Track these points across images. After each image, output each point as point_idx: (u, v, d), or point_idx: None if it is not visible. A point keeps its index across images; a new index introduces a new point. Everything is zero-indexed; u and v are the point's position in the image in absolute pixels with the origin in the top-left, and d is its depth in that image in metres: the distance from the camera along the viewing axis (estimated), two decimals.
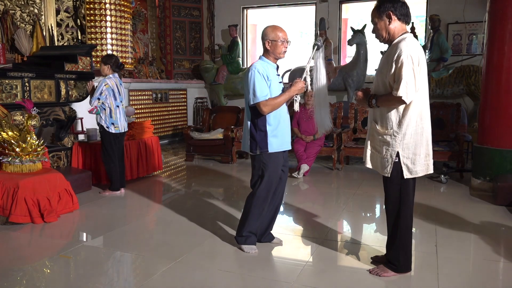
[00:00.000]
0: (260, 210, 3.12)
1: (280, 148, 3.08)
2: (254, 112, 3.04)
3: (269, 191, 3.09)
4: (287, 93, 3.02)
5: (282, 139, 3.09)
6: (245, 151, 3.21)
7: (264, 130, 3.03)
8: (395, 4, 2.58)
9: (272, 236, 3.35)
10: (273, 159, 3.06)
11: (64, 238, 3.64)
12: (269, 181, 3.07)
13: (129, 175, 5.38)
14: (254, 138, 3.05)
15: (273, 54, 3.06)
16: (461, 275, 2.84)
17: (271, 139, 3.03)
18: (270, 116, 3.03)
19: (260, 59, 3.10)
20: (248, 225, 3.14)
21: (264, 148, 3.03)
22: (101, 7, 6.80)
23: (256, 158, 3.10)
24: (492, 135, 4.77)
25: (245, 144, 3.14)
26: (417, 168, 2.61)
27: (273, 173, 3.07)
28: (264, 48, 3.08)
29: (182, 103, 9.40)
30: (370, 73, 8.28)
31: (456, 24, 8.07)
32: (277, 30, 3.03)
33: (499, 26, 4.64)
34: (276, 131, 3.05)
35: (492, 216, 4.03)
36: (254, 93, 2.95)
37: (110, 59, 4.77)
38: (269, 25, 3.10)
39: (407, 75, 2.46)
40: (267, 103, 2.95)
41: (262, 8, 9.75)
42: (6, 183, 3.79)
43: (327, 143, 6.19)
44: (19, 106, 4.33)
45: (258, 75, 2.96)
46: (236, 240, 3.23)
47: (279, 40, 3.01)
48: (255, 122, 3.04)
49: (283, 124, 3.10)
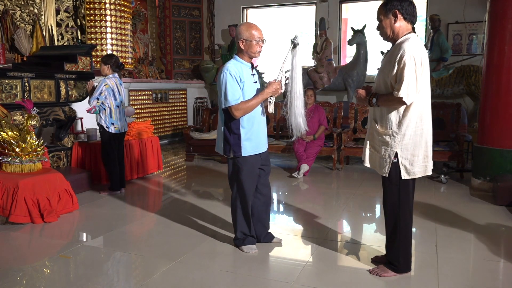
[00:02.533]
0: (245, 210, 3.12)
1: (255, 151, 3.04)
2: (227, 115, 2.97)
3: (246, 193, 3.07)
4: (260, 96, 2.94)
5: (257, 142, 3.05)
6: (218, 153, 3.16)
7: (237, 133, 2.97)
8: (403, 3, 2.58)
9: (271, 235, 3.35)
10: (247, 162, 3.03)
11: (64, 238, 3.64)
12: (245, 184, 3.05)
13: (129, 175, 5.38)
14: (228, 141, 3.00)
15: (247, 53, 2.98)
16: (461, 275, 2.84)
17: (244, 143, 2.98)
18: (244, 119, 2.96)
19: (234, 58, 3.02)
20: (239, 226, 3.15)
21: (237, 152, 2.99)
22: (101, 7, 6.80)
23: (230, 161, 3.08)
24: (492, 135, 4.77)
25: (219, 146, 3.10)
26: (415, 169, 2.61)
27: (247, 176, 3.05)
28: (238, 47, 2.99)
29: (182, 103, 9.40)
30: (370, 73, 8.28)
31: (456, 24, 8.07)
32: (252, 29, 2.95)
33: (499, 26, 4.64)
34: (250, 134, 3.00)
35: (492, 216, 4.03)
36: (226, 96, 2.87)
37: (110, 59, 4.77)
38: (243, 23, 3.02)
39: (409, 76, 2.45)
40: (239, 107, 2.87)
41: (262, 8, 9.75)
42: (6, 183, 3.79)
43: (327, 143, 6.19)
44: (19, 106, 4.33)
45: (229, 78, 2.88)
46: (234, 243, 3.24)
47: (254, 39, 2.93)
48: (229, 125, 2.98)
49: (257, 126, 3.04)
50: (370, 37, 7.88)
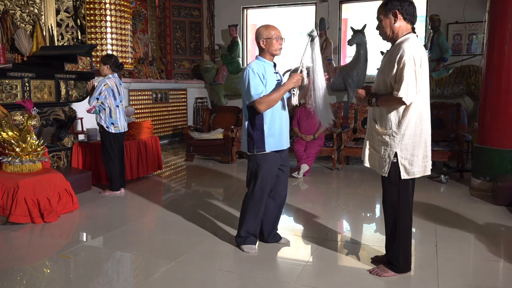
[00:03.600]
0: (256, 210, 3.12)
1: (278, 147, 3.07)
2: (251, 111, 3.03)
3: (263, 192, 3.08)
4: (283, 88, 2.99)
5: (280, 138, 3.08)
6: (244, 151, 3.20)
7: (261, 129, 3.02)
8: (403, 3, 2.58)
9: (279, 236, 3.34)
10: (268, 160, 3.05)
11: (64, 238, 3.64)
12: (263, 182, 3.06)
13: (129, 175, 5.38)
14: (252, 138, 3.04)
15: (268, 52, 3.05)
16: (461, 275, 2.84)
17: (268, 139, 3.02)
18: (267, 115, 3.01)
19: (257, 59, 3.10)
20: (245, 225, 3.15)
21: (261, 148, 3.02)
22: (101, 7, 6.80)
23: (251, 158, 3.10)
24: (492, 135, 4.77)
25: (243, 144, 3.15)
26: (414, 169, 2.62)
27: (267, 174, 3.06)
28: (260, 48, 3.08)
29: (182, 103, 9.41)
30: (370, 73, 8.28)
31: (456, 24, 8.07)
32: (270, 28, 3.04)
33: (499, 26, 4.64)
34: (273, 130, 3.04)
35: (492, 216, 4.03)
36: (249, 92, 2.95)
37: (109, 59, 4.77)
38: (261, 25, 3.11)
39: (409, 76, 2.46)
40: (262, 100, 2.93)
41: (262, 8, 9.75)
42: (6, 183, 3.79)
43: (327, 143, 6.19)
44: (19, 106, 4.33)
45: (252, 74, 2.96)
46: (236, 241, 3.24)
47: (273, 37, 3.01)
48: (253, 121, 3.03)
49: (280, 122, 3.08)
50: (370, 37, 7.88)
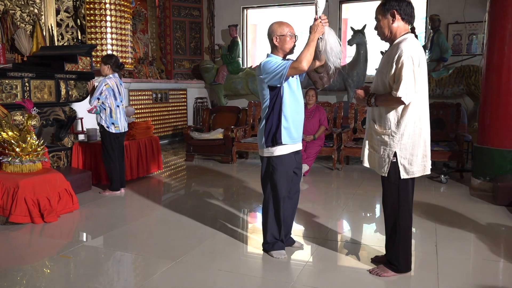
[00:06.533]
0: (277, 213, 3.03)
1: (293, 141, 2.97)
2: (272, 102, 2.91)
3: (280, 194, 2.99)
4: (311, 42, 2.80)
5: (296, 133, 2.97)
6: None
7: (279, 122, 2.90)
8: (401, 3, 2.58)
9: (292, 240, 3.28)
10: (283, 163, 2.97)
11: (64, 238, 3.64)
12: (279, 185, 2.97)
13: (129, 175, 5.38)
14: (269, 132, 2.93)
15: (281, 49, 2.96)
16: (461, 275, 2.84)
17: (284, 132, 2.91)
18: (286, 106, 2.90)
19: (268, 56, 2.99)
20: (270, 230, 3.07)
21: (278, 139, 2.90)
22: (101, 7, 6.80)
23: (265, 161, 3.02)
24: (492, 135, 4.77)
25: (259, 144, 3.04)
26: (414, 168, 2.62)
27: (282, 177, 2.98)
28: (272, 45, 2.98)
29: (182, 103, 9.41)
30: (370, 73, 8.28)
31: (456, 24, 8.07)
32: (284, 25, 2.96)
33: (499, 26, 4.64)
34: (291, 122, 2.93)
35: (492, 216, 4.03)
36: (277, 69, 2.82)
37: (110, 59, 4.78)
38: (274, 22, 3.02)
39: (407, 76, 2.46)
40: (297, 60, 2.78)
41: (262, 8, 9.75)
42: (6, 183, 3.79)
43: (327, 143, 6.19)
44: (19, 106, 4.33)
45: (269, 60, 2.88)
46: (263, 248, 3.15)
47: (287, 34, 2.93)
48: (271, 115, 2.92)
49: (298, 117, 2.98)
50: (370, 37, 7.88)
